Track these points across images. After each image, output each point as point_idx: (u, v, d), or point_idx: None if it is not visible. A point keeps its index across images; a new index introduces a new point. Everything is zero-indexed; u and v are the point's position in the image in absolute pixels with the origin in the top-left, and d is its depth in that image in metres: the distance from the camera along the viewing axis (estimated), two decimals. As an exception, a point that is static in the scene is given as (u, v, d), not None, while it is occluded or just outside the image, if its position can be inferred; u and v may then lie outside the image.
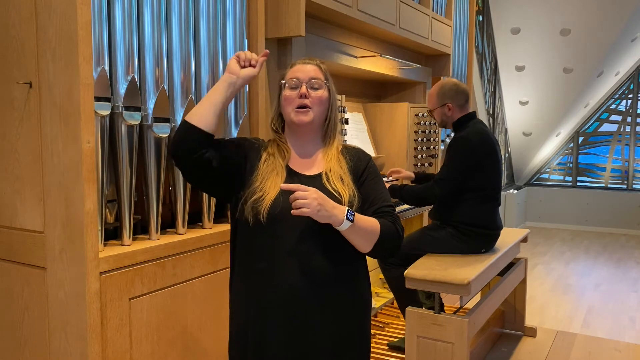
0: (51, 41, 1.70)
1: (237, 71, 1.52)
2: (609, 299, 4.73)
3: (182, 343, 2.03)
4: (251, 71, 1.53)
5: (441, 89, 3.06)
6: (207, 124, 1.47)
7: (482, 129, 2.99)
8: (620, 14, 6.14)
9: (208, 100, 1.50)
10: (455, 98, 3.02)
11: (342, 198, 1.47)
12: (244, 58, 1.53)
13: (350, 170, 1.55)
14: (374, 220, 1.47)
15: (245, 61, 1.53)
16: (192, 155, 1.46)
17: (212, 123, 1.48)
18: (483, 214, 2.96)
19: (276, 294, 1.46)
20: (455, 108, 3.02)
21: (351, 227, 1.41)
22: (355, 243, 1.46)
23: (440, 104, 3.04)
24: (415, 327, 2.58)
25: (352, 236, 1.44)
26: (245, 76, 1.53)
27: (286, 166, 1.55)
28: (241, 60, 1.53)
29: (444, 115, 3.05)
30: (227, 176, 1.53)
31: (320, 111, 1.54)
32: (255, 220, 1.46)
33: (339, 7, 2.72)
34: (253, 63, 1.54)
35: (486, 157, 2.93)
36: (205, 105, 1.49)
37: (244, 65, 1.53)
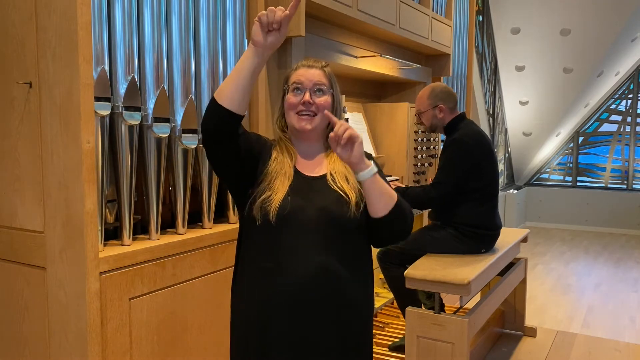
0: (51, 41, 1.70)
1: (261, 42, 1.36)
2: (609, 299, 4.73)
3: (182, 343, 2.03)
4: (276, 37, 1.36)
5: (432, 91, 3.05)
6: (237, 104, 1.38)
7: (475, 130, 2.99)
8: (620, 14, 6.14)
9: (235, 77, 1.38)
10: (446, 100, 3.02)
11: (349, 198, 1.46)
12: (266, 22, 1.34)
13: None
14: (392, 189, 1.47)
15: (269, 25, 1.34)
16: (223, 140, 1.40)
17: (242, 102, 1.39)
18: (482, 215, 2.96)
19: (281, 294, 1.45)
20: (446, 110, 3.02)
21: (374, 178, 1.40)
22: (374, 201, 1.43)
23: (432, 106, 3.02)
24: (415, 327, 2.58)
25: (373, 192, 1.41)
26: (271, 44, 1.37)
27: (293, 167, 1.54)
28: (264, 25, 1.34)
29: (434, 118, 3.04)
30: (248, 168, 1.50)
31: (323, 117, 1.53)
32: (263, 220, 1.45)
33: (339, 7, 2.72)
34: (276, 26, 1.34)
35: (482, 158, 2.93)
36: (233, 83, 1.38)
37: (268, 30, 1.35)
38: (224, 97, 1.38)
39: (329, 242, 1.46)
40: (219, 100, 1.38)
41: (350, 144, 1.37)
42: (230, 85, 1.38)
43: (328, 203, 1.46)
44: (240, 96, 1.38)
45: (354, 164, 1.39)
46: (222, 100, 1.38)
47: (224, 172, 1.52)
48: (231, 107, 1.38)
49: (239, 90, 1.38)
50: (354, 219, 1.46)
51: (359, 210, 1.47)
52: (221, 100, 1.38)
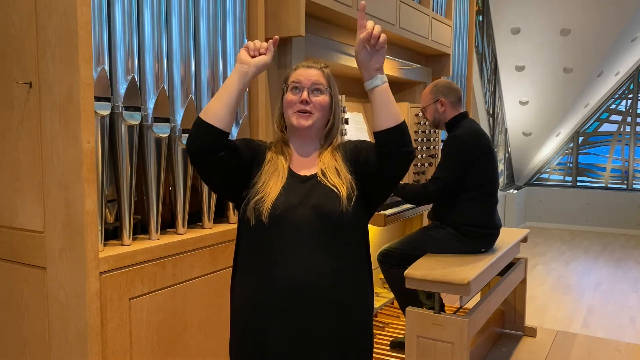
0: (51, 41, 1.70)
1: (248, 61, 1.46)
2: (609, 299, 4.73)
3: (182, 343, 2.03)
4: (263, 59, 1.47)
5: (434, 86, 3.09)
6: (223, 122, 1.43)
7: (476, 128, 3.01)
8: (620, 14, 6.14)
9: (223, 96, 1.45)
10: (448, 94, 3.04)
11: (340, 192, 1.47)
12: (253, 48, 1.47)
13: (345, 159, 1.55)
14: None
15: (255, 50, 1.47)
16: (211, 156, 1.44)
17: (228, 120, 1.44)
18: (481, 214, 2.96)
19: (277, 293, 1.46)
20: (448, 105, 3.04)
21: (386, 86, 1.42)
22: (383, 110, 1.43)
23: (433, 100, 3.06)
24: (415, 327, 2.58)
25: (384, 99, 1.42)
26: (257, 64, 1.46)
27: (288, 167, 1.55)
28: (250, 50, 1.47)
29: (436, 112, 3.07)
30: (239, 177, 1.52)
31: (321, 116, 1.55)
32: (256, 221, 1.46)
33: (339, 7, 2.72)
34: (262, 51, 1.47)
35: (481, 156, 2.94)
36: (220, 101, 1.44)
37: (254, 54, 1.47)
38: (211, 115, 1.43)
39: (323, 241, 1.46)
40: (205, 119, 1.43)
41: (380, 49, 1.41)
42: (218, 103, 1.44)
43: (320, 201, 1.47)
44: (226, 114, 1.43)
45: (374, 68, 1.42)
46: (209, 118, 1.42)
47: (216, 187, 1.56)
48: (218, 124, 1.42)
49: (226, 108, 1.43)
50: (346, 213, 1.46)
51: (351, 203, 1.47)
52: (208, 118, 1.43)
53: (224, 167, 1.47)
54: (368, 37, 1.38)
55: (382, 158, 1.45)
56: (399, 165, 1.47)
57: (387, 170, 1.47)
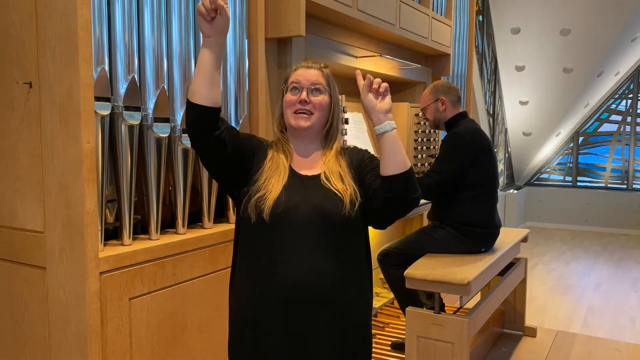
0: (51, 41, 1.70)
1: (208, 31, 1.40)
2: (609, 299, 4.73)
3: (182, 343, 2.03)
4: (220, 21, 1.39)
5: (434, 86, 3.10)
6: (208, 99, 1.43)
7: (475, 127, 3.02)
8: (620, 14, 6.14)
9: (199, 73, 1.43)
10: (448, 93, 3.05)
11: (343, 197, 1.47)
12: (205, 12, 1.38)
13: (350, 167, 1.56)
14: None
15: (210, 12, 1.38)
16: (206, 135, 1.44)
17: (213, 94, 1.43)
18: (481, 213, 2.96)
19: (277, 293, 1.46)
20: (449, 103, 3.04)
21: (394, 133, 1.45)
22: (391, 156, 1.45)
23: (433, 99, 3.06)
24: (415, 327, 2.58)
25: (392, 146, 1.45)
26: (217, 29, 1.40)
27: (289, 166, 1.55)
28: (204, 14, 1.38)
29: (437, 112, 3.07)
30: (239, 164, 1.52)
31: (321, 116, 1.55)
32: (257, 218, 1.46)
33: (339, 7, 2.72)
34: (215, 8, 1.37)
35: (480, 154, 2.94)
36: (199, 78, 1.43)
37: (211, 17, 1.39)
38: (195, 94, 1.44)
39: (323, 241, 1.46)
40: (191, 100, 1.44)
41: (384, 94, 1.47)
42: (197, 82, 1.44)
43: (322, 201, 1.47)
44: (208, 89, 1.43)
45: (380, 112, 1.46)
46: (194, 98, 1.44)
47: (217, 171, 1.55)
48: (203, 102, 1.43)
49: (205, 84, 1.43)
50: (349, 217, 1.46)
51: (354, 209, 1.47)
52: (193, 98, 1.44)
53: (223, 148, 1.47)
54: (370, 83, 1.46)
55: (388, 200, 1.47)
56: (403, 208, 1.50)
57: (389, 209, 1.50)
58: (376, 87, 1.46)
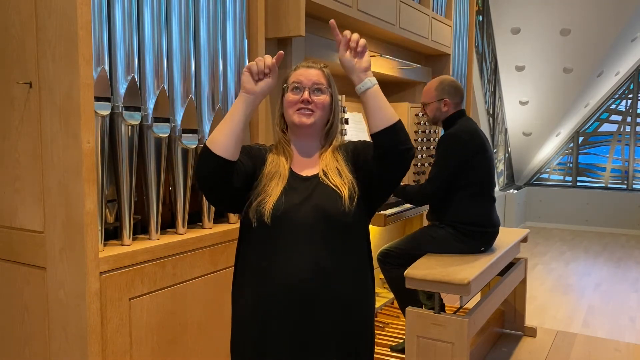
0: (51, 41, 1.70)
1: (253, 89, 1.43)
2: (609, 299, 4.73)
3: (182, 343, 2.03)
4: (267, 83, 1.44)
5: (441, 84, 3.06)
6: (230, 152, 1.42)
7: (471, 126, 3.00)
8: (620, 14, 6.14)
9: (228, 125, 1.43)
10: (453, 95, 3.03)
11: (341, 192, 1.47)
12: (257, 71, 1.42)
13: (346, 160, 1.56)
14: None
15: (259, 74, 1.43)
16: (219, 184, 1.45)
17: (235, 149, 1.43)
18: (479, 212, 2.96)
19: (279, 292, 1.46)
20: (451, 105, 3.03)
21: (377, 88, 1.43)
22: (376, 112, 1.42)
23: (437, 98, 3.04)
24: (415, 327, 2.58)
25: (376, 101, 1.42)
26: (262, 91, 1.45)
27: (289, 168, 1.55)
28: (254, 74, 1.43)
29: (437, 111, 3.06)
30: (246, 193, 1.54)
31: (322, 115, 1.55)
32: (258, 222, 1.47)
33: (339, 7, 2.72)
34: (267, 72, 1.43)
35: (476, 153, 2.93)
36: (226, 130, 1.42)
37: (259, 78, 1.44)
38: (218, 145, 1.42)
39: (325, 241, 1.46)
40: (213, 149, 1.42)
41: (362, 51, 1.43)
42: (224, 134, 1.42)
43: (321, 200, 1.47)
44: (233, 143, 1.42)
45: (360, 71, 1.42)
46: (216, 149, 1.41)
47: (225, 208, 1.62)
48: (225, 154, 1.41)
49: (232, 138, 1.42)
50: (348, 212, 1.46)
51: (353, 203, 1.47)
52: (215, 149, 1.42)
53: (231, 190, 1.48)
54: (347, 41, 1.42)
55: (381, 158, 1.44)
56: (398, 164, 1.45)
57: (387, 170, 1.46)
58: (354, 46, 1.42)
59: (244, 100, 1.44)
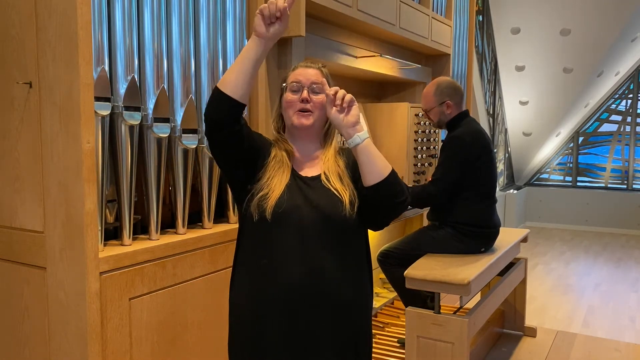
0: (51, 41, 1.70)
1: (263, 33, 1.41)
2: (609, 299, 4.73)
3: (182, 343, 2.03)
4: (279, 28, 1.42)
5: (438, 87, 3.03)
6: (241, 94, 1.42)
7: (475, 128, 3.00)
8: (620, 14, 6.14)
9: (239, 66, 1.42)
10: (453, 96, 3.01)
11: (342, 197, 1.47)
12: (269, 14, 1.40)
13: (347, 167, 1.56)
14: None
15: (271, 17, 1.40)
16: (225, 127, 1.43)
17: (245, 91, 1.43)
18: (480, 213, 2.96)
19: (277, 291, 1.46)
20: (454, 106, 3.02)
21: (368, 143, 1.42)
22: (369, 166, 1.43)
23: (438, 102, 3.02)
24: (415, 327, 2.58)
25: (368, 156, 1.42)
26: (274, 35, 1.42)
27: (291, 167, 1.55)
28: (266, 17, 1.40)
29: (441, 115, 3.03)
30: (249, 161, 1.52)
31: (321, 115, 1.55)
32: (259, 217, 1.46)
33: (339, 7, 2.71)
34: (278, 15, 1.40)
35: (480, 156, 2.93)
36: (236, 71, 1.41)
37: (270, 22, 1.41)
38: (228, 85, 1.41)
39: (324, 242, 1.47)
40: (222, 89, 1.41)
41: (348, 107, 1.42)
42: (235, 74, 1.42)
43: (322, 202, 1.47)
44: (243, 84, 1.42)
45: (348, 126, 1.42)
46: (226, 88, 1.41)
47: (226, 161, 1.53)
48: (235, 94, 1.41)
49: (242, 79, 1.42)
50: (349, 217, 1.47)
51: (354, 209, 1.47)
52: (225, 88, 1.41)
53: (238, 142, 1.46)
54: (332, 102, 1.42)
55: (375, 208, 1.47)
56: (391, 214, 1.49)
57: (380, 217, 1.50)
58: (339, 104, 1.42)
59: (256, 42, 1.43)
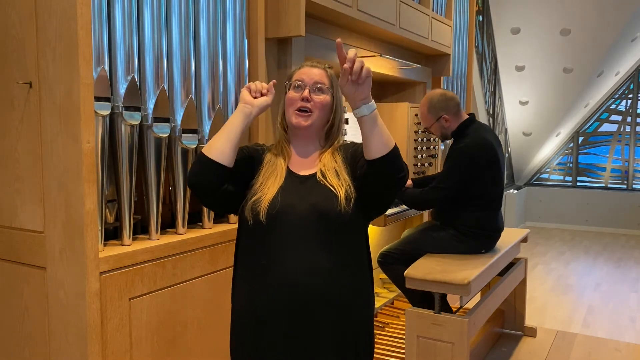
0: (51, 41, 1.70)
1: (251, 101, 1.53)
2: (609, 299, 4.73)
3: (182, 343, 2.03)
4: (265, 100, 1.55)
5: (430, 103, 3.00)
6: (226, 159, 1.48)
7: (483, 137, 2.92)
8: (620, 14, 6.14)
9: (226, 133, 1.49)
10: (447, 108, 2.97)
11: (338, 193, 1.47)
12: (255, 89, 1.54)
13: (345, 161, 1.56)
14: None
15: (256, 92, 1.54)
16: (214, 191, 1.49)
17: (231, 157, 1.49)
18: (483, 218, 2.94)
19: (276, 292, 1.46)
20: (452, 117, 2.98)
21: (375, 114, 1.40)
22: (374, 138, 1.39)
23: (435, 119, 2.99)
24: (415, 327, 2.58)
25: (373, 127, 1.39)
26: (260, 105, 1.53)
27: (286, 167, 1.56)
28: (252, 91, 1.54)
29: (442, 129, 3.01)
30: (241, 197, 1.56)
31: (321, 115, 1.55)
32: (254, 220, 1.48)
33: (339, 7, 2.71)
34: (264, 92, 1.55)
35: (486, 168, 2.89)
36: (223, 138, 1.49)
37: (256, 96, 1.54)
38: (215, 151, 1.47)
39: (321, 240, 1.47)
40: (209, 155, 1.47)
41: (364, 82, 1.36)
42: (221, 141, 1.49)
43: (317, 199, 1.48)
44: (230, 151, 1.48)
45: (359, 99, 1.38)
46: (213, 154, 1.47)
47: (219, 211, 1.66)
48: (222, 160, 1.47)
49: (229, 145, 1.48)
50: (345, 213, 1.46)
51: (349, 204, 1.47)
52: (212, 154, 1.47)
53: (226, 195, 1.52)
54: (349, 72, 1.34)
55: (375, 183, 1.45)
56: (391, 189, 1.47)
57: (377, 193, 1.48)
58: (355, 79, 1.35)
59: (242, 110, 1.52)
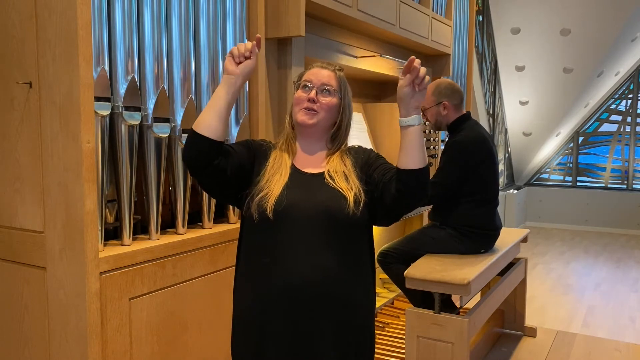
0: (51, 41, 1.70)
1: (234, 70, 1.48)
2: (609, 299, 4.73)
3: (182, 343, 2.03)
4: (248, 64, 1.49)
5: (437, 87, 3.03)
6: (215, 132, 1.46)
7: (478, 132, 2.96)
8: (620, 14, 6.14)
9: (212, 106, 1.47)
10: (451, 97, 3.00)
11: (347, 196, 1.47)
12: (238, 54, 1.48)
13: (355, 166, 1.56)
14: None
15: (240, 56, 1.48)
16: (206, 166, 1.47)
17: (220, 130, 1.47)
18: (481, 215, 2.95)
19: (279, 290, 1.46)
20: (451, 107, 3.00)
21: (421, 127, 1.43)
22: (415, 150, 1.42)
23: (436, 102, 3.01)
24: (415, 327, 2.58)
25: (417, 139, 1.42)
26: (243, 72, 1.49)
27: (292, 165, 1.56)
28: (235, 57, 1.48)
29: (438, 115, 3.03)
30: (240, 182, 1.54)
31: (327, 117, 1.56)
32: (260, 217, 1.47)
33: (339, 7, 2.71)
34: (247, 55, 1.49)
35: (482, 162, 2.91)
36: (210, 112, 1.47)
37: (239, 61, 1.49)
38: (203, 125, 1.46)
39: (326, 239, 1.47)
40: (198, 130, 1.46)
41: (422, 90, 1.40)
42: (209, 114, 1.47)
43: (325, 198, 1.48)
44: (218, 124, 1.46)
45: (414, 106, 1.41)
46: (202, 129, 1.46)
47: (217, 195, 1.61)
48: (211, 134, 1.45)
49: (217, 119, 1.46)
50: (353, 215, 1.46)
51: (358, 207, 1.47)
52: (200, 129, 1.46)
53: (222, 174, 1.49)
54: (415, 77, 1.37)
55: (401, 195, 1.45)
56: (413, 204, 1.47)
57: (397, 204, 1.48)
58: (418, 84, 1.39)
59: (226, 81, 1.49)
